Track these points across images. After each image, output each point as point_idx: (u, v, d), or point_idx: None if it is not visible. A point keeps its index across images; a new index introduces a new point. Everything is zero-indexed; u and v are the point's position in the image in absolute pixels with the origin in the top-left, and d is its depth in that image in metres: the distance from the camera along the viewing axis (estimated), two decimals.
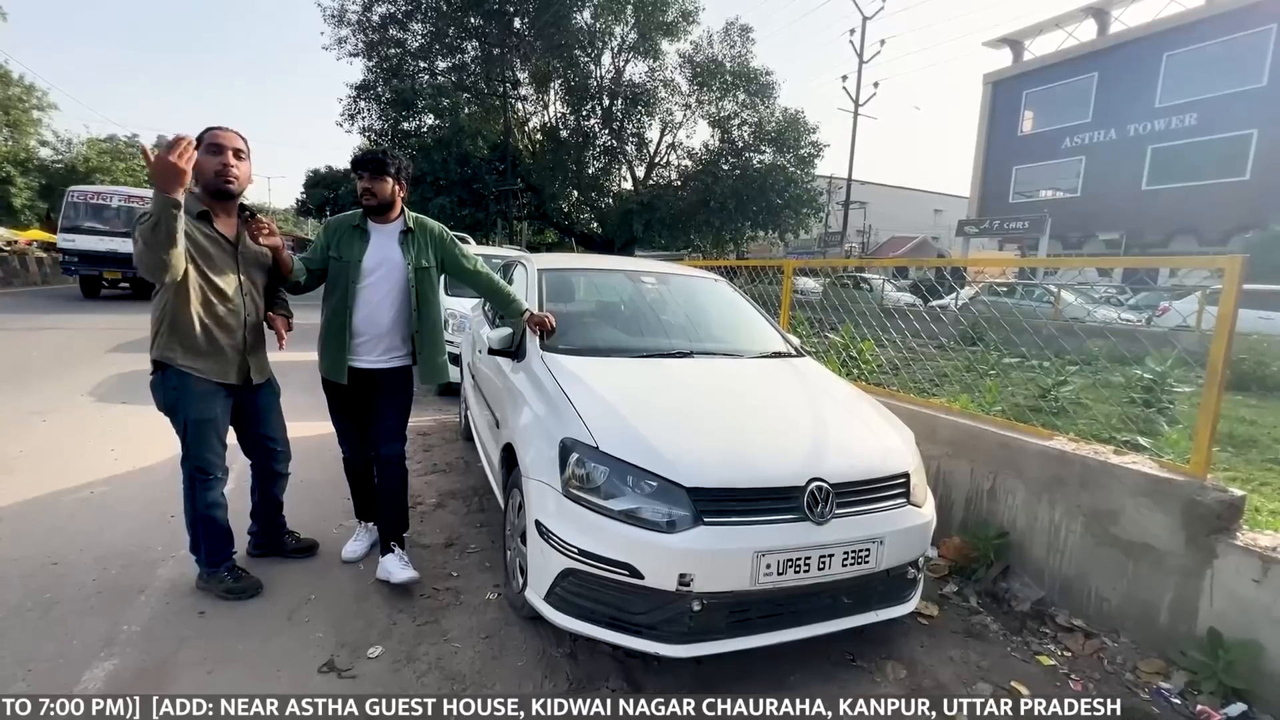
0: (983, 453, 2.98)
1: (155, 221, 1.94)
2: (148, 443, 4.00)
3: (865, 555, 2.04)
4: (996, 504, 2.91)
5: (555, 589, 2.01)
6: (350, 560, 2.77)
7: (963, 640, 2.45)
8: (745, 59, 21.55)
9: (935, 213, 40.10)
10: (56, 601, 2.34)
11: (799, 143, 21.05)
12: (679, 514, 1.91)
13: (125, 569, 2.59)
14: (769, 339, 3.28)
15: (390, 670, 2.07)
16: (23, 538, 2.81)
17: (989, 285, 11.85)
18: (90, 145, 36.58)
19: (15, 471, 3.59)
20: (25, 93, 32.13)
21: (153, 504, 3.18)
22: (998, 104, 24.44)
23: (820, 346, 5.53)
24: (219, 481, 2.42)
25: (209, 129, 2.27)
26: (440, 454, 4.39)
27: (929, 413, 3.31)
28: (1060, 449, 2.67)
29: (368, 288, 2.54)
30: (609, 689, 2.04)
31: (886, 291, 15.22)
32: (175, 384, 2.28)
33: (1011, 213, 22.78)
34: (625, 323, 3.33)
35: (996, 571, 2.79)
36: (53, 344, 8.18)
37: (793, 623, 2.04)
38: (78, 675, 1.95)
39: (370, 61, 21.29)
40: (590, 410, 2.18)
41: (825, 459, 2.12)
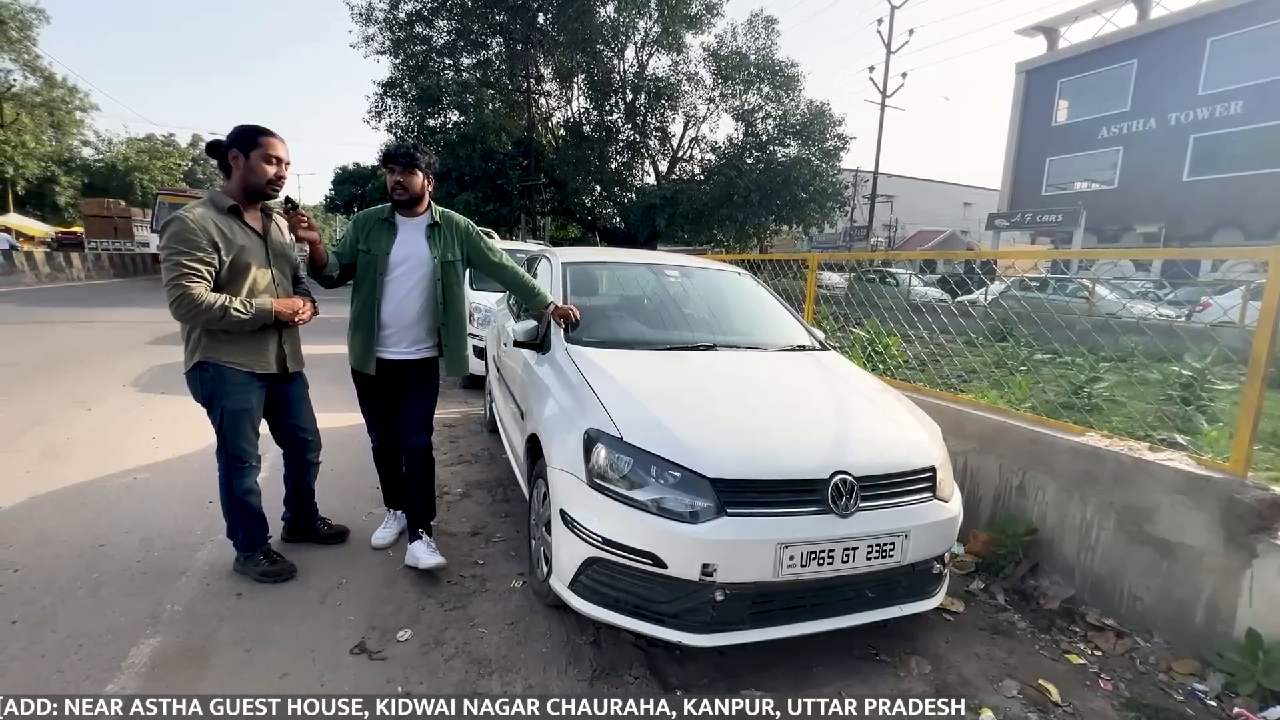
0: (1012, 448, 2.93)
1: (245, 321, 2.28)
2: (185, 431, 4.15)
3: (890, 549, 2.03)
4: (1025, 500, 2.86)
5: (580, 577, 2.04)
6: (380, 547, 2.84)
7: (989, 637, 2.42)
8: (770, 51, 21.33)
9: (964, 206, 39.33)
10: (104, 581, 2.45)
11: (824, 135, 20.77)
12: (702, 504, 1.92)
13: (167, 551, 2.70)
14: (793, 332, 3.27)
15: (419, 653, 2.13)
16: (72, 521, 2.94)
17: (1020, 279, 11.58)
18: (130, 144, 37.70)
19: (64, 458, 3.75)
20: (69, 94, 33.25)
21: (191, 489, 3.30)
22: (1031, 93, 23.80)
23: (845, 342, 5.48)
24: (253, 469, 2.50)
25: (264, 134, 2.32)
26: (466, 445, 4.47)
27: (956, 408, 3.26)
28: (1093, 445, 2.61)
29: (395, 280, 2.59)
30: (632, 677, 2.06)
31: (913, 286, 14.99)
32: (213, 375, 2.36)
33: (1044, 205, 22.20)
34: (649, 316, 3.35)
35: (1025, 569, 2.75)
36: (97, 336, 8.50)
37: (815, 615, 2.04)
38: (125, 650, 2.04)
39: (397, 59, 21.54)
40: (614, 401, 2.20)
41: (849, 452, 2.11)
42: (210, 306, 2.18)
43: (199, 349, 2.34)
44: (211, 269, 2.23)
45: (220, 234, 2.26)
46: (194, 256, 2.18)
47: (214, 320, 2.21)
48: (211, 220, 2.26)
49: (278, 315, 2.36)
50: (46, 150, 31.96)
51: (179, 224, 2.20)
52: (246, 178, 2.32)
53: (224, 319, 2.22)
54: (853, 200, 24.95)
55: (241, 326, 2.29)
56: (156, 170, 36.68)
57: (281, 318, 2.38)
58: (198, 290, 2.17)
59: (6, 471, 3.48)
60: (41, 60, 31.20)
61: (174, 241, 2.18)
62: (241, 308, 2.25)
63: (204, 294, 2.18)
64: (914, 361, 5.21)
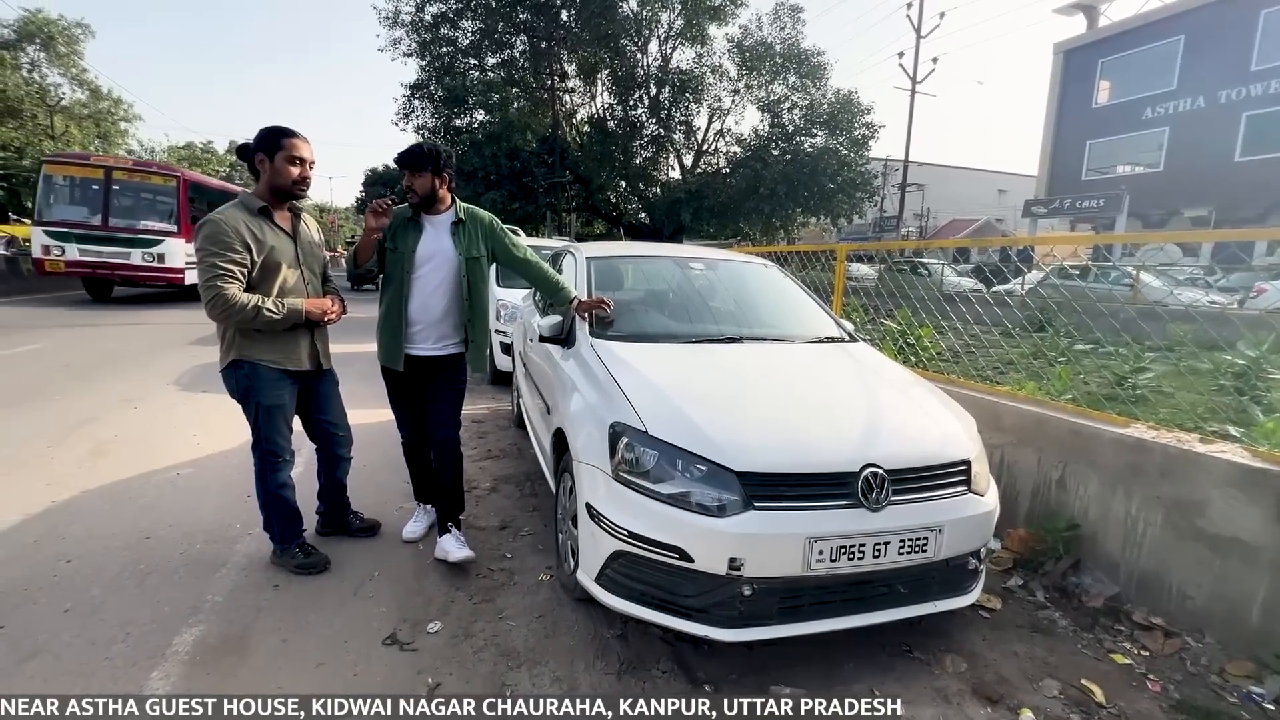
0: (1051, 441, 2.83)
1: (277, 321, 2.34)
2: (225, 428, 4.27)
3: (923, 544, 1.98)
4: (1066, 495, 2.76)
5: (606, 571, 2.04)
6: (410, 540, 2.89)
7: (1028, 635, 2.35)
8: (795, 40, 21.01)
9: (999, 193, 38.22)
10: (150, 572, 2.54)
11: (852, 124, 20.40)
12: (729, 498, 1.90)
13: (208, 544, 2.78)
14: (821, 324, 3.21)
15: (449, 645, 2.15)
16: (120, 515, 3.05)
17: (1059, 267, 11.20)
18: (170, 153, 39.01)
19: (111, 454, 3.90)
20: (114, 105, 34.55)
21: (231, 485, 3.40)
22: (1070, 74, 22.97)
23: (876, 334, 5.37)
24: (287, 464, 2.56)
25: (288, 136, 2.36)
26: (494, 440, 4.51)
27: (992, 399, 3.16)
28: (1138, 437, 2.50)
29: (421, 278, 2.62)
30: (659, 672, 2.05)
31: (946, 276, 14.62)
32: (247, 372, 2.42)
33: (1085, 190, 21.43)
34: (674, 309, 3.32)
35: (1066, 565, 2.66)
36: (144, 337, 8.83)
37: (846, 611, 2.00)
38: (169, 639, 2.11)
39: (423, 61, 21.83)
40: (639, 395, 2.19)
41: (880, 444, 2.06)
42: (244, 307, 2.23)
43: (233, 347, 2.40)
44: (244, 269, 2.29)
45: (251, 235, 2.31)
46: (227, 257, 2.23)
47: (247, 320, 2.27)
48: (243, 221, 2.32)
49: (308, 315, 2.41)
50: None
51: (212, 226, 2.26)
52: (273, 180, 2.37)
53: (256, 319, 2.27)
54: (882, 190, 24.42)
55: (273, 326, 2.35)
56: None
57: (311, 318, 2.43)
58: (231, 291, 2.22)
59: (60, 468, 3.63)
60: (88, 74, 32.49)
61: (207, 243, 2.24)
62: (274, 308, 2.30)
63: (237, 294, 2.23)
64: (948, 353, 5.07)
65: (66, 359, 7.03)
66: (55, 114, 31.06)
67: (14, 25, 29.65)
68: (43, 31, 29.96)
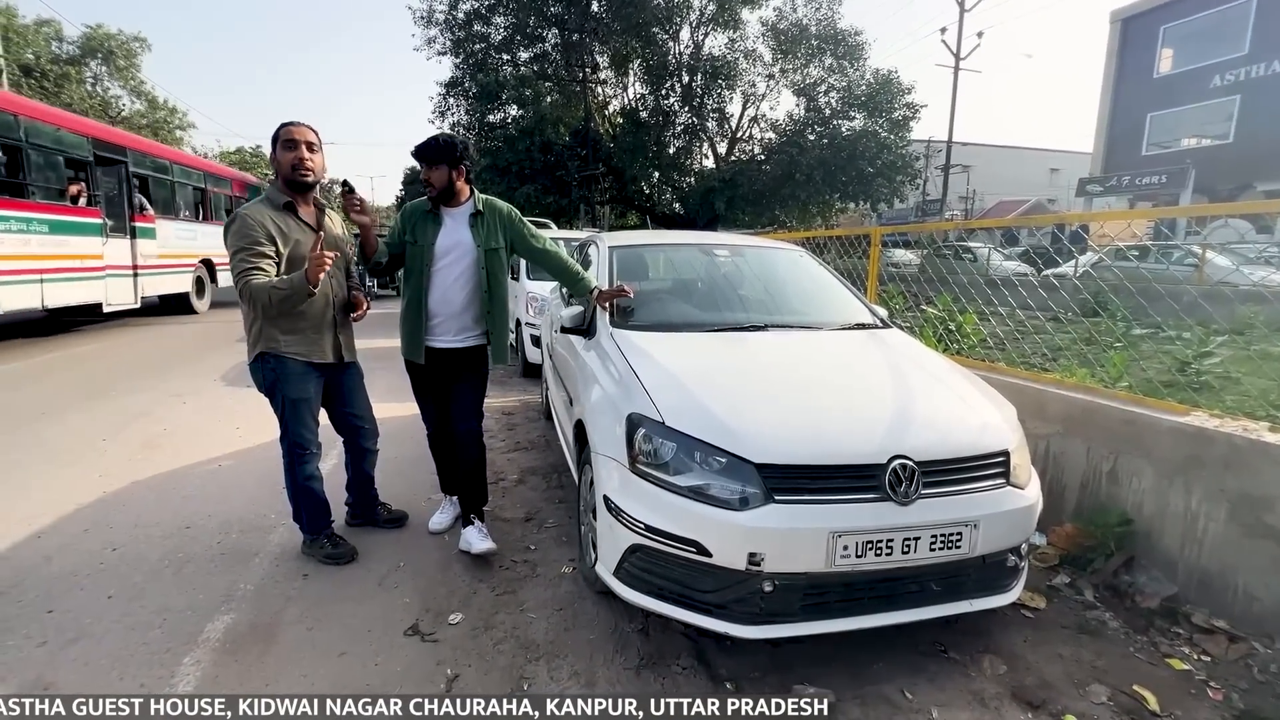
0: (1101, 430, 2.65)
1: (288, 296, 2.28)
2: (265, 421, 4.35)
3: (957, 539, 1.87)
4: (1118, 488, 2.58)
5: (624, 564, 2.00)
6: (436, 531, 2.91)
7: (1074, 636, 2.20)
8: (832, 20, 20.38)
9: (1051, 172, 36.48)
10: (188, 561, 2.62)
11: (892, 105, 19.70)
12: (749, 491, 1.83)
13: (243, 534, 2.87)
14: (852, 310, 3.09)
15: (469, 636, 2.15)
16: (163, 504, 3.18)
17: (1116, 249, 10.58)
18: (222, 158, 40.62)
19: (160, 447, 4.07)
20: (169, 114, 36.16)
21: (267, 476, 3.49)
22: (1128, 44, 21.65)
23: (916, 321, 5.17)
24: (314, 456, 2.61)
25: (283, 125, 2.40)
26: (523, 432, 4.53)
27: (1037, 387, 2.99)
28: (1200, 426, 2.32)
29: (441, 270, 2.62)
30: (680, 667, 2.01)
31: (993, 260, 14.04)
32: (274, 366, 2.46)
33: (1145, 166, 20.24)
34: (697, 297, 3.25)
35: (1118, 563, 2.49)
36: (193, 335, 9.23)
37: (874, 608, 1.91)
38: (202, 626, 2.17)
39: (457, 58, 22.07)
40: (657, 385, 2.14)
41: (910, 435, 1.95)
42: (260, 291, 2.25)
43: (260, 340, 2.45)
44: (272, 261, 2.32)
45: (276, 229, 2.35)
46: (254, 251, 2.27)
47: (266, 304, 2.27)
48: (268, 216, 2.36)
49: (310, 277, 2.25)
50: None
51: (239, 222, 2.31)
52: (278, 171, 2.41)
53: (270, 300, 2.27)
54: (924, 173, 23.53)
55: (288, 303, 2.30)
56: None
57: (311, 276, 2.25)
58: (257, 279, 2.26)
59: (113, 460, 3.81)
60: (145, 85, 34.07)
61: (235, 239, 2.29)
62: (280, 285, 2.27)
63: (259, 282, 2.26)
64: (991, 340, 4.84)
65: (123, 357, 7.40)
66: (117, 124, 32.70)
67: (77, 41, 31.28)
68: (104, 46, 31.52)
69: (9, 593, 2.35)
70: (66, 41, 31.04)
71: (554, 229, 9.56)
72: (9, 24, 26.45)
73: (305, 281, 2.27)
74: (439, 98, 22.49)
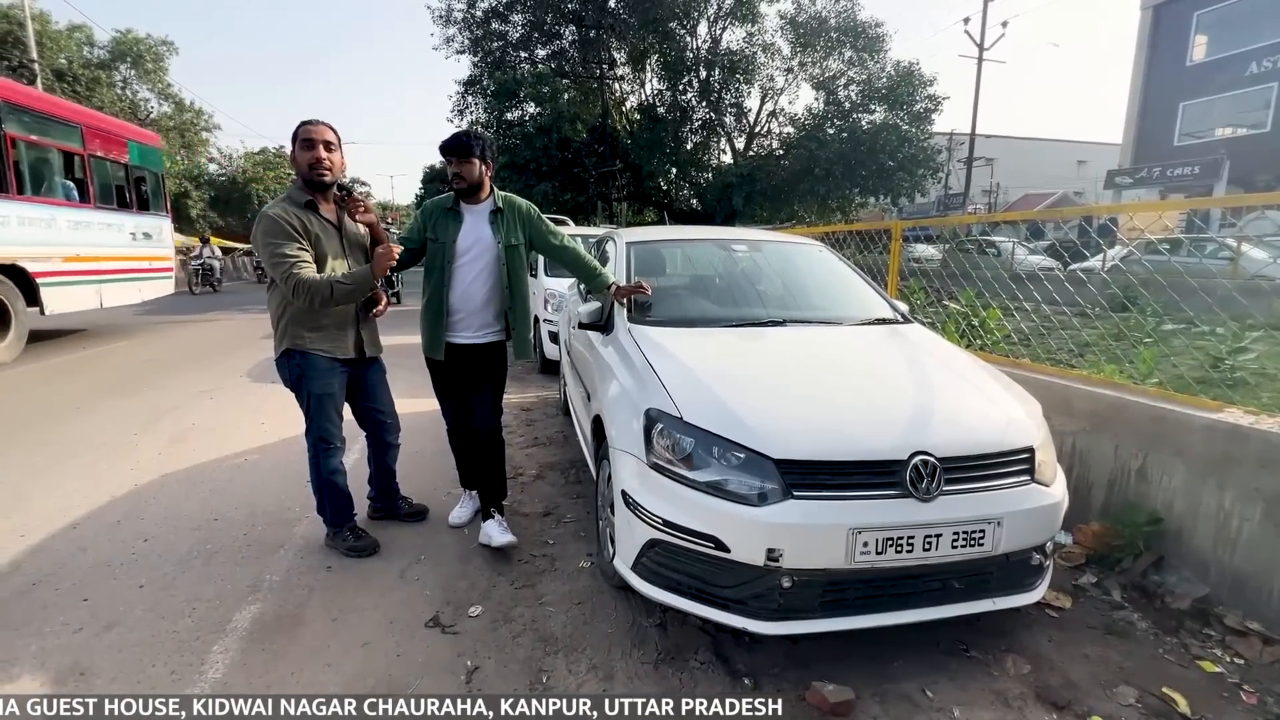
0: (1130, 427, 2.59)
1: (353, 290, 2.39)
2: (289, 417, 4.46)
3: (979, 537, 1.84)
4: (1147, 486, 2.53)
5: (642, 559, 2.00)
6: (456, 525, 2.94)
7: (1101, 637, 2.16)
8: (852, 12, 20.11)
9: (1078, 164, 35.63)
10: (216, 552, 2.68)
11: (913, 98, 19.39)
12: (767, 486, 1.82)
13: (269, 526, 2.93)
14: (872, 305, 3.05)
15: (489, 629, 2.17)
16: (192, 497, 3.25)
17: (1147, 242, 10.31)
18: (247, 158, 41.34)
19: (189, 440, 4.16)
20: (196, 117, 36.91)
21: (292, 470, 3.56)
22: (1160, 31, 21.04)
23: (939, 317, 5.09)
24: (338, 450, 2.65)
25: (302, 124, 2.43)
26: (541, 428, 4.55)
27: (1063, 383, 2.93)
28: (1234, 423, 2.25)
29: (462, 267, 2.64)
30: (698, 662, 2.01)
31: (1017, 255, 13.79)
32: (299, 361, 2.51)
33: (1176, 157, 19.67)
34: (715, 292, 3.24)
35: (1147, 563, 2.44)
36: (222, 332, 9.43)
37: (894, 606, 1.89)
38: (230, 615, 2.22)
39: (475, 57, 22.20)
40: (675, 381, 2.13)
41: (931, 430, 1.93)
42: (321, 285, 2.30)
43: (286, 337, 2.49)
44: (307, 254, 2.36)
45: (301, 225, 2.39)
46: (291, 245, 2.32)
47: (325, 297, 2.32)
48: (293, 213, 2.39)
49: (375, 274, 2.37)
50: (180, 169, 35.71)
51: (268, 221, 2.34)
52: (298, 170, 2.44)
53: (333, 294, 2.32)
54: (947, 166, 23.11)
55: (350, 296, 2.40)
56: (269, 180, 40.09)
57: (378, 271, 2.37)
58: (307, 273, 2.30)
59: (144, 454, 3.91)
60: (172, 88, 34.81)
61: (269, 237, 2.32)
62: (344, 279, 2.35)
63: (313, 275, 2.31)
64: (1016, 335, 4.75)
65: (153, 353, 7.58)
66: (146, 127, 33.44)
67: (108, 46, 32.02)
68: (133, 50, 32.24)
69: (47, 581, 2.43)
70: (97, 46, 31.81)
71: (571, 226, 9.58)
72: (43, 29, 27.14)
73: (370, 275, 2.36)
74: (457, 96, 22.65)
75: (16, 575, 2.48)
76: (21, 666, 1.94)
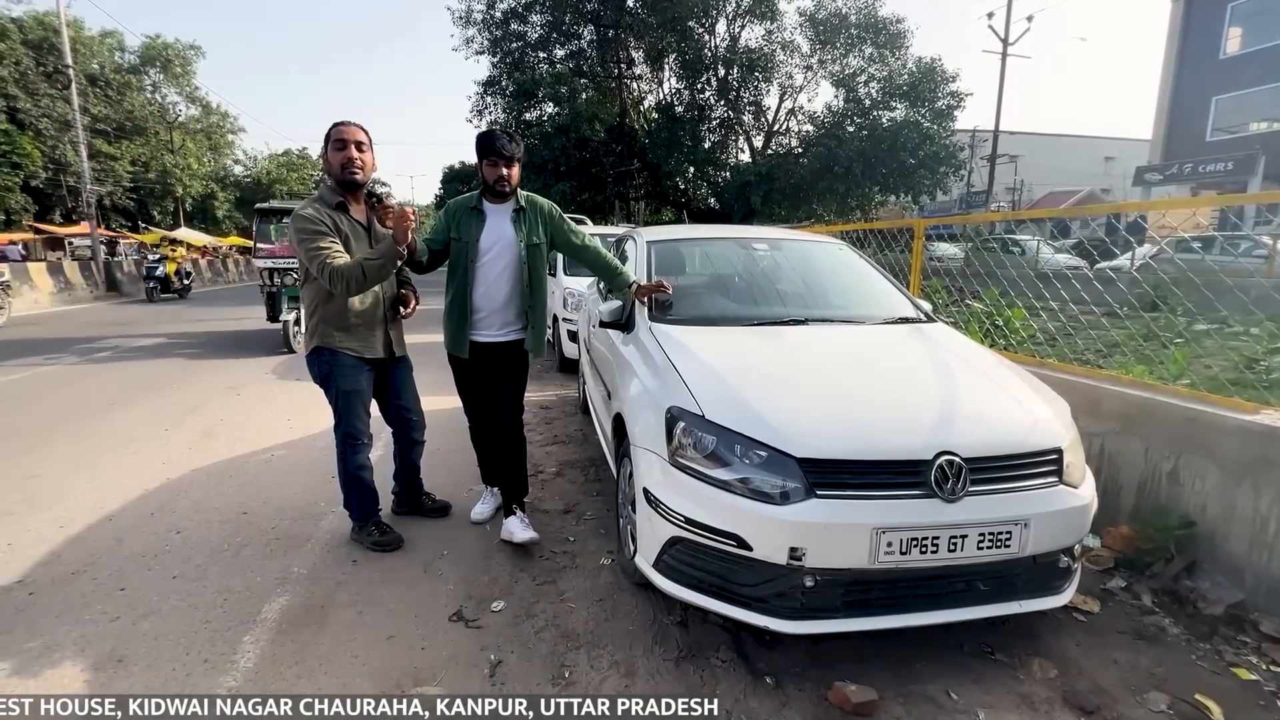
0: (1161, 428, 2.54)
1: (383, 264, 2.36)
2: (314, 413, 4.57)
3: (1006, 538, 1.82)
4: (1179, 489, 2.47)
5: (663, 556, 2.01)
6: (478, 521, 2.98)
7: (1131, 642, 2.12)
8: (873, 8, 19.93)
9: (1105, 161, 34.88)
10: (245, 544, 2.75)
11: (935, 94, 19.18)
12: (790, 485, 1.81)
13: (296, 520, 2.99)
14: (895, 303, 3.02)
15: (511, 624, 2.20)
16: (222, 491, 3.33)
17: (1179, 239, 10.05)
18: (271, 160, 42.09)
19: (218, 436, 4.26)
20: (222, 120, 37.67)
21: (318, 465, 3.63)
22: (1191, 23, 20.52)
23: (961, 316, 5.03)
24: (365, 447, 2.69)
25: (334, 125, 2.47)
26: (560, 426, 4.58)
27: (1091, 383, 2.88)
28: (1270, 425, 2.20)
29: (485, 266, 2.66)
30: (719, 660, 2.01)
31: (1042, 253, 13.54)
32: (328, 359, 2.55)
33: (1209, 153, 19.17)
34: (736, 291, 3.23)
35: (1179, 567, 2.39)
36: (251, 329, 9.62)
37: (919, 607, 1.87)
38: (259, 606, 2.27)
39: (494, 57, 22.42)
40: (697, 379, 2.14)
41: (957, 430, 1.91)
42: (353, 267, 2.33)
43: (316, 335, 2.54)
44: (339, 245, 2.41)
45: (333, 225, 2.43)
46: (325, 239, 2.36)
47: (360, 279, 2.35)
48: (324, 213, 2.44)
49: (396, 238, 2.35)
50: (206, 171, 36.51)
51: (300, 221, 2.39)
52: (329, 171, 2.48)
53: (365, 274, 2.34)
54: (969, 163, 22.73)
55: (382, 270, 2.38)
56: (293, 181, 40.79)
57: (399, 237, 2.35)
58: (340, 261, 2.34)
59: (175, 448, 4.01)
60: (199, 91, 35.59)
61: (302, 234, 2.37)
62: (372, 255, 2.37)
63: (345, 262, 2.34)
64: (1041, 335, 4.68)
65: (184, 350, 7.77)
66: (174, 130, 34.24)
67: (138, 51, 32.80)
68: (162, 55, 32.99)
69: (86, 571, 2.51)
70: (128, 51, 32.61)
71: (590, 225, 9.62)
72: (77, 35, 27.90)
73: (394, 245, 2.35)
74: (477, 97, 22.89)
75: (58, 565, 2.56)
76: (63, 652, 2.01)
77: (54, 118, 25.95)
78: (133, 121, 31.11)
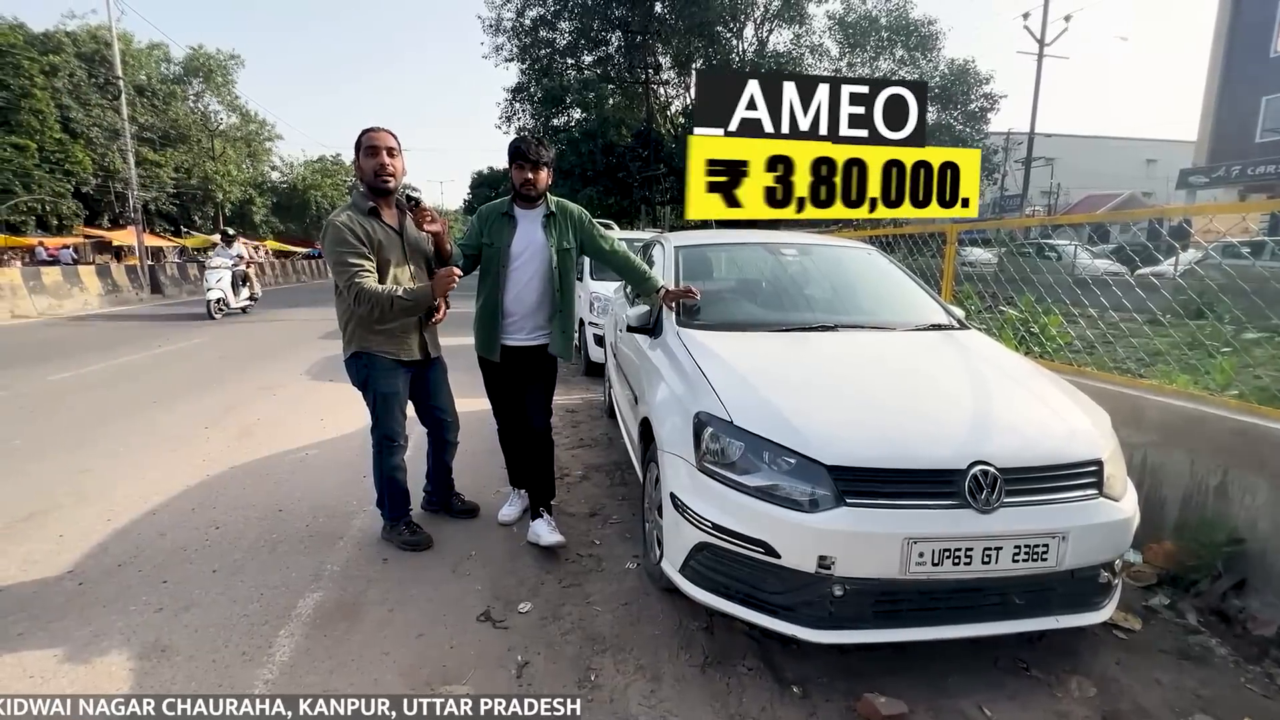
0: (1208, 441, 2.45)
1: (412, 307, 2.47)
2: (347, 414, 4.68)
3: (1043, 551, 1.78)
4: (1227, 504, 2.38)
5: (690, 562, 2.01)
6: (505, 523, 3.01)
7: (1175, 662, 2.05)
8: (904, 11, 19.70)
9: (1147, 163, 33.84)
10: (281, 541, 2.82)
11: (968, 97, 18.94)
12: (819, 493, 1.80)
13: (329, 518, 3.06)
14: (927, 310, 2.98)
15: (538, 625, 2.22)
16: (259, 488, 3.43)
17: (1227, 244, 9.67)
18: (306, 166, 43.22)
19: (254, 435, 4.39)
20: (260, 128, 38.84)
21: (350, 465, 3.71)
22: (1240, 20, 19.78)
23: (995, 323, 4.92)
24: (401, 448, 2.75)
25: (365, 131, 2.52)
26: (586, 430, 4.61)
27: (1132, 393, 2.79)
28: None
29: (516, 270, 2.70)
30: (745, 668, 2.00)
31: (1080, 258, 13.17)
32: (366, 363, 2.61)
33: (1258, 155, 18.43)
34: (765, 297, 3.22)
35: (1226, 585, 2.30)
36: (282, 333, 9.88)
37: (951, 619, 1.84)
38: (294, 602, 2.33)
39: (523, 64, 22.71)
40: (725, 384, 2.13)
41: (992, 439, 1.87)
42: (382, 297, 2.39)
43: (354, 340, 2.60)
44: (371, 262, 2.46)
45: (365, 233, 2.48)
46: (356, 253, 2.42)
47: (386, 309, 2.41)
48: (357, 221, 2.49)
49: (436, 293, 2.46)
50: (245, 177, 37.65)
51: (334, 230, 2.44)
52: (362, 177, 2.54)
53: (393, 308, 2.41)
54: (1003, 167, 22.28)
55: (409, 312, 2.48)
56: (327, 187, 41.84)
57: (439, 291, 2.46)
58: (369, 283, 2.40)
59: (214, 446, 4.14)
60: (239, 100, 36.77)
61: (335, 245, 2.43)
62: (404, 295, 2.43)
63: (375, 286, 2.40)
64: (1079, 343, 4.55)
65: (222, 352, 8.01)
66: (215, 137, 35.42)
67: (182, 62, 34.03)
68: (204, 66, 34.18)
69: (131, 563, 2.61)
70: (173, 62, 33.85)
71: (616, 230, 9.67)
72: (126, 48, 29.09)
73: (430, 295, 2.44)
74: (505, 103, 23.21)
75: (105, 556, 2.66)
76: (110, 640, 2.09)
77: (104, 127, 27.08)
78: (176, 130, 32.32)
